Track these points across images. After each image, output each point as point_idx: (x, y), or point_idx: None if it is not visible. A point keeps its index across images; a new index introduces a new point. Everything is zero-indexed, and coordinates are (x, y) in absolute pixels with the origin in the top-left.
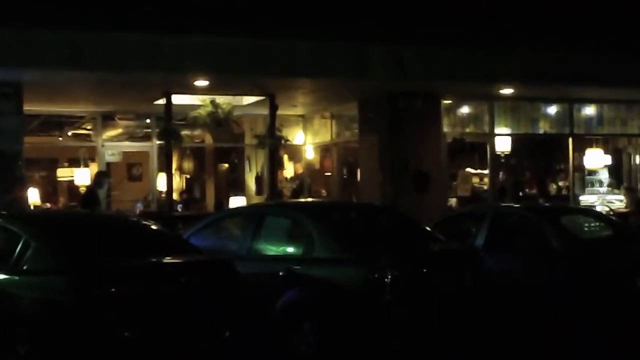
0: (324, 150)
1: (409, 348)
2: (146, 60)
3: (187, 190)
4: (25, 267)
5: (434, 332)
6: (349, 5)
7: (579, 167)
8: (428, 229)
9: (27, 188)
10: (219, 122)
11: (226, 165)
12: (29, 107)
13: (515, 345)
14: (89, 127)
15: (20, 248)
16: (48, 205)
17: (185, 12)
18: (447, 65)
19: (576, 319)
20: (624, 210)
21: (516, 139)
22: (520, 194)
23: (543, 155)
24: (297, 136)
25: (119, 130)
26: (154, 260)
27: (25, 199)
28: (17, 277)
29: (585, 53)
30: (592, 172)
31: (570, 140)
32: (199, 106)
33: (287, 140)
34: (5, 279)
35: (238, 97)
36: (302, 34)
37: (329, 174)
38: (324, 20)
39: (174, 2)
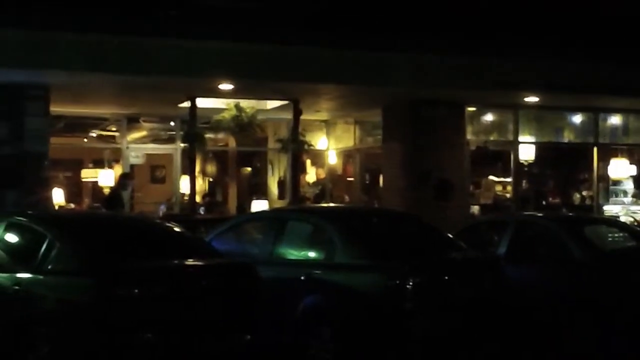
0: (347, 155)
1: (429, 356)
2: (171, 64)
3: (210, 194)
4: (49, 267)
5: (454, 341)
6: (372, 13)
7: (603, 177)
8: (450, 236)
9: (52, 188)
10: (243, 126)
11: (249, 169)
12: (55, 109)
13: (535, 355)
14: (113, 129)
15: (45, 248)
16: (72, 205)
17: (211, 16)
18: (470, 74)
19: (598, 331)
20: None
21: (540, 148)
22: (543, 202)
23: (567, 165)
24: (320, 141)
25: (144, 133)
26: (175, 262)
27: (50, 200)
28: (41, 277)
29: (610, 63)
30: (617, 182)
31: (595, 149)
32: (223, 110)
33: (310, 145)
34: (29, 278)
35: (262, 102)
36: (326, 41)
37: (351, 179)
38: (348, 27)
39: (200, 6)
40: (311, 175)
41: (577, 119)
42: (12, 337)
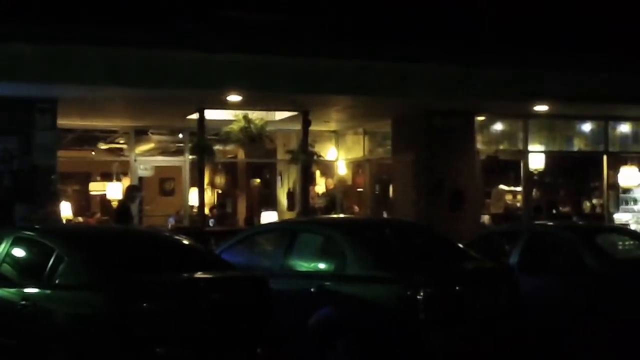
0: (357, 166)
1: None
2: (182, 76)
3: (219, 206)
4: (57, 282)
5: (468, 352)
6: (385, 24)
7: (614, 185)
8: (462, 246)
9: (60, 202)
10: (252, 137)
11: (258, 180)
12: (62, 122)
13: None
14: (122, 142)
15: (53, 262)
16: (80, 219)
17: (221, 29)
18: (484, 84)
19: (613, 341)
20: None
21: (550, 157)
22: (554, 211)
23: (577, 173)
24: (329, 152)
25: (152, 145)
26: (186, 276)
27: (58, 213)
28: (49, 291)
29: (620, 72)
30: (627, 190)
31: (605, 157)
32: (232, 121)
33: (320, 156)
34: (37, 293)
35: (271, 113)
36: (337, 52)
37: (361, 190)
38: (359, 39)
39: (209, 19)
40: (321, 186)
41: (587, 127)
42: (24, 352)
